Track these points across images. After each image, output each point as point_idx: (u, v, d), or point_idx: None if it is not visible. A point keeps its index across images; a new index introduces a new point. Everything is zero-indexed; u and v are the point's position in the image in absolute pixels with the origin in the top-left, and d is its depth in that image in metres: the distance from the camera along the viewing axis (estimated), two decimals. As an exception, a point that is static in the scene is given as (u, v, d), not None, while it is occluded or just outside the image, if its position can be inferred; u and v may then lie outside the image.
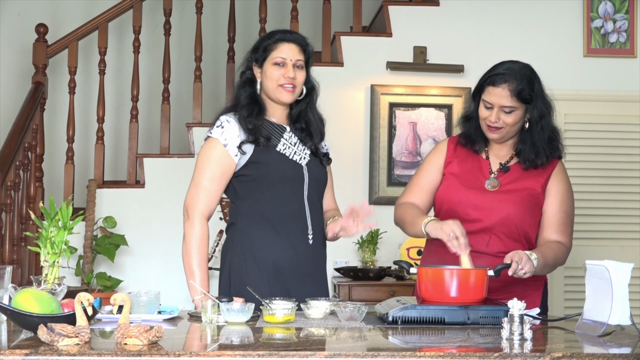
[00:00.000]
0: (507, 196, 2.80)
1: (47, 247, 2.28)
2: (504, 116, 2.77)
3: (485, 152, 2.91)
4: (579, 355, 1.88)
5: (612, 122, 5.24)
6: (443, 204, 2.86)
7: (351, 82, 5.16)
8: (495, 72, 2.79)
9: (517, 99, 2.75)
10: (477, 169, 2.88)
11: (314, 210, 2.81)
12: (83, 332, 1.89)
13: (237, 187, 2.79)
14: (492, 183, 2.84)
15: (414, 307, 2.33)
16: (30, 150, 4.82)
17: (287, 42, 2.79)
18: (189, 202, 2.76)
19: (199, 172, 2.76)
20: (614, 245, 5.16)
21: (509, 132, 2.82)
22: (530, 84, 2.77)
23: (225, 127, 2.75)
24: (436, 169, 2.93)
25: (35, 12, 5.82)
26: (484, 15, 5.26)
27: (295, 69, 2.78)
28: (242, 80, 2.85)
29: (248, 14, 5.98)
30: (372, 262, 4.83)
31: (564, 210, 2.83)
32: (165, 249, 4.89)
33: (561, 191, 2.84)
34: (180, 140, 5.70)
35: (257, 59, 2.81)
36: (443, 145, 2.97)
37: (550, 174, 2.84)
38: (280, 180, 2.74)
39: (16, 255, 4.55)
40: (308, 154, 2.84)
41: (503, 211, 2.77)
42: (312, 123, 2.86)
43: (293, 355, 1.83)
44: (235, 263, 2.77)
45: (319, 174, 2.86)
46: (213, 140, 2.76)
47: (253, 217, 2.76)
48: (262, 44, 2.82)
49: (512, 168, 2.86)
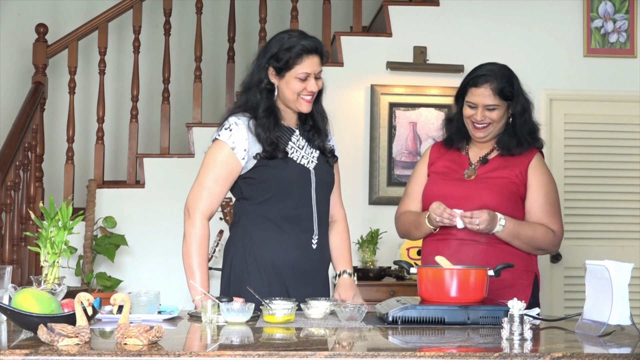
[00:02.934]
0: (483, 184, 2.90)
1: (47, 247, 2.28)
2: (489, 113, 2.91)
3: (465, 149, 3.04)
4: (579, 355, 1.88)
5: (612, 122, 5.24)
6: (426, 199, 2.97)
7: (351, 82, 5.16)
8: (476, 74, 2.94)
9: (500, 97, 2.89)
10: (457, 164, 3.01)
11: (322, 214, 2.81)
12: (83, 332, 1.89)
13: (243, 187, 2.78)
14: (470, 172, 2.96)
15: (414, 307, 2.33)
16: (30, 150, 4.82)
17: (310, 56, 2.72)
18: (190, 202, 2.75)
19: (204, 172, 2.75)
20: (614, 245, 5.16)
21: (494, 128, 2.94)
22: (510, 83, 2.91)
23: (234, 130, 2.73)
24: (422, 176, 3.07)
25: (35, 12, 5.82)
26: (484, 15, 5.25)
27: (315, 80, 2.76)
28: (260, 89, 2.76)
29: (248, 14, 5.98)
30: (372, 262, 4.82)
31: (550, 202, 2.92)
32: (165, 248, 4.89)
33: (544, 183, 2.93)
34: (180, 140, 5.70)
35: (277, 68, 2.74)
36: (427, 152, 3.14)
37: (528, 164, 2.93)
38: (287, 185, 2.73)
39: (16, 255, 4.54)
40: (316, 156, 2.83)
41: (479, 198, 2.86)
42: (317, 119, 2.86)
43: (293, 355, 1.83)
44: (236, 261, 2.78)
45: (327, 176, 2.85)
46: (220, 143, 2.73)
47: (256, 217, 2.76)
48: (284, 56, 2.71)
49: (491, 160, 2.97)
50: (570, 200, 5.16)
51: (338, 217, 2.96)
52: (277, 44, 2.75)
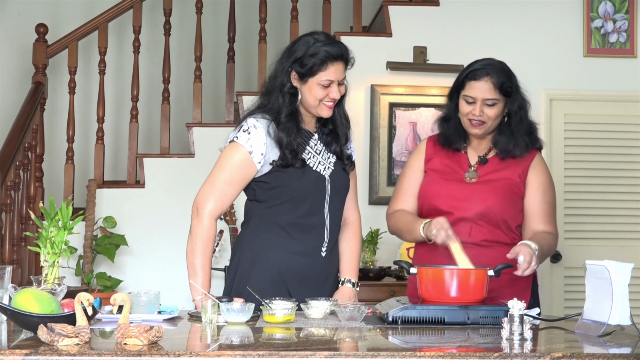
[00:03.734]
0: (486, 187, 2.85)
1: (47, 247, 2.28)
2: (487, 109, 2.83)
3: (464, 148, 2.97)
4: (579, 355, 1.88)
5: (612, 122, 5.24)
6: (425, 198, 2.91)
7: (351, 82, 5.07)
8: (474, 67, 2.86)
9: (499, 91, 2.83)
10: (456, 163, 2.94)
11: (334, 222, 2.77)
12: (83, 332, 1.89)
13: (256, 190, 2.74)
14: (471, 175, 2.90)
15: (414, 307, 2.33)
16: (30, 150, 4.82)
17: (334, 62, 2.67)
18: (200, 200, 2.70)
19: (217, 172, 2.70)
20: (614, 245, 5.16)
21: (490, 126, 2.88)
22: (509, 78, 2.86)
23: (252, 133, 2.67)
24: (418, 170, 2.98)
25: (35, 12, 5.81)
26: (484, 15, 5.25)
27: (339, 86, 2.72)
28: (283, 92, 2.70)
29: (248, 14, 5.98)
30: (372, 262, 4.82)
31: (547, 201, 2.89)
32: (166, 248, 4.89)
33: (542, 183, 2.90)
34: (180, 140, 5.70)
35: (300, 73, 2.68)
36: (422, 145, 3.04)
37: (529, 164, 2.90)
38: (301, 192, 2.69)
39: (16, 255, 4.55)
40: (332, 162, 2.78)
41: (483, 202, 2.82)
42: (338, 123, 2.81)
43: (293, 355, 1.83)
44: (242, 263, 2.76)
45: (342, 184, 2.80)
46: (238, 145, 2.68)
47: (266, 221, 2.72)
48: (308, 62, 2.65)
49: (491, 160, 2.92)
50: (570, 200, 5.16)
51: (351, 219, 2.91)
52: (302, 48, 2.68)
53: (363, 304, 2.43)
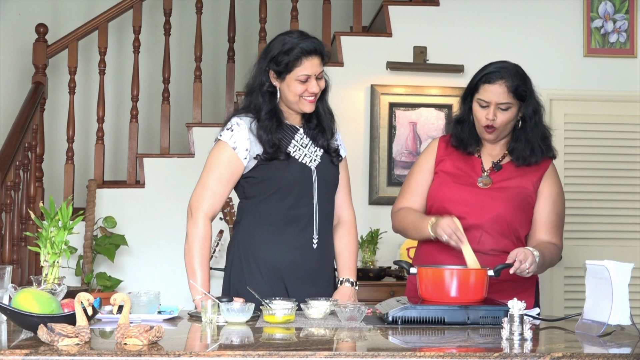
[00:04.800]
0: (499, 194, 2.81)
1: (47, 247, 2.29)
2: (500, 114, 2.78)
3: (477, 151, 2.91)
4: (579, 355, 1.88)
5: (612, 122, 5.24)
6: (434, 201, 2.87)
7: (351, 82, 5.16)
8: (488, 70, 2.81)
9: (514, 95, 2.78)
10: (469, 167, 2.89)
11: (324, 214, 2.79)
12: (83, 332, 1.89)
13: (245, 187, 2.79)
14: (484, 181, 2.85)
15: (414, 307, 2.33)
16: (30, 150, 4.82)
17: (309, 57, 2.70)
18: (193, 202, 2.75)
19: (207, 173, 2.75)
20: (614, 245, 5.16)
21: (503, 131, 2.83)
22: (524, 82, 2.81)
23: (235, 130, 2.73)
24: (427, 170, 2.93)
25: (35, 12, 5.82)
26: (484, 15, 5.26)
27: (317, 81, 2.74)
28: (262, 92, 2.76)
29: (248, 14, 5.98)
30: (372, 262, 4.83)
31: (556, 212, 2.85)
32: (166, 248, 4.89)
33: (554, 193, 2.86)
34: (180, 140, 5.70)
35: (277, 72, 2.73)
36: (434, 145, 2.97)
37: (543, 174, 2.86)
38: (288, 183, 2.73)
39: (16, 255, 4.55)
40: (319, 155, 2.81)
41: (495, 209, 2.78)
42: (323, 117, 2.84)
43: (293, 355, 1.83)
44: (236, 261, 2.78)
45: (330, 175, 2.83)
46: (222, 143, 2.74)
47: (256, 217, 2.76)
48: (283, 59, 2.70)
49: (505, 166, 2.87)
50: (570, 200, 5.15)
51: (345, 217, 2.93)
52: (277, 46, 2.74)
53: (363, 304, 2.43)
